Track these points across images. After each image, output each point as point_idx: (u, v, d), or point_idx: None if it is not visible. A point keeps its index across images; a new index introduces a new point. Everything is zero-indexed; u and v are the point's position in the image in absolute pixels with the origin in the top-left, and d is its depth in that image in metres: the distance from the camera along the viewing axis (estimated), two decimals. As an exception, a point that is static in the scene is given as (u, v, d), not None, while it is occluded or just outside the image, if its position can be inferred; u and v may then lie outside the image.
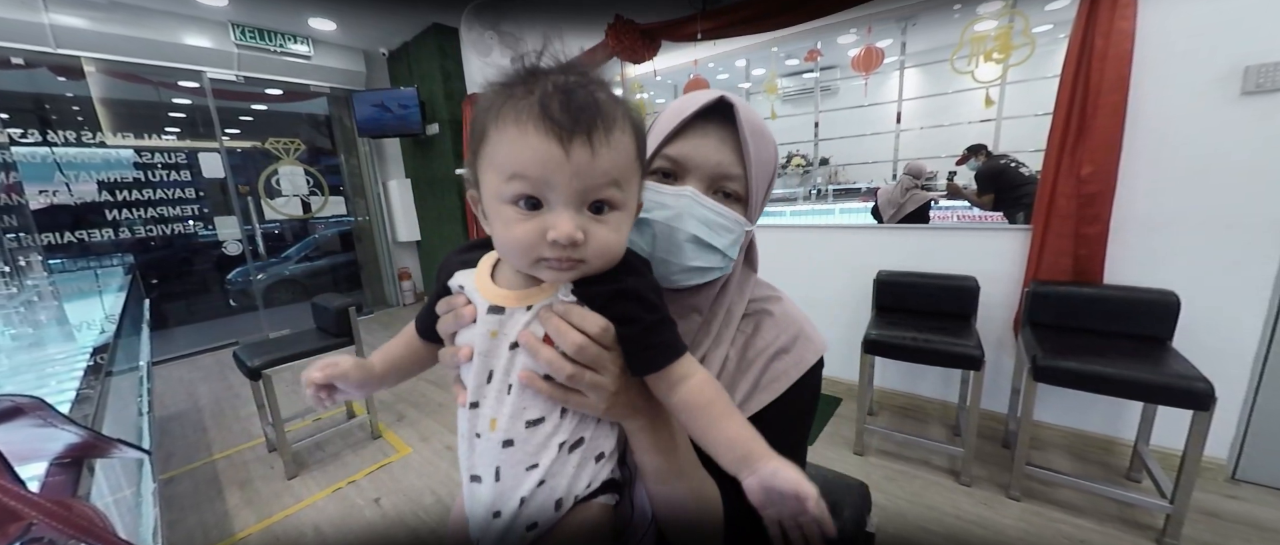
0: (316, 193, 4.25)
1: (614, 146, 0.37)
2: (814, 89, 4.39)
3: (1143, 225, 1.61)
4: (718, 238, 0.48)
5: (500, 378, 0.42)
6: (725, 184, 0.49)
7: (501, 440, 0.42)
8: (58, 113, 3.15)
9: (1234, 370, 1.53)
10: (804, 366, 0.51)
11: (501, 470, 0.42)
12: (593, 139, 0.35)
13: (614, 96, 0.39)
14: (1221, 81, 1.43)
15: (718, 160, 0.48)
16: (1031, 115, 3.00)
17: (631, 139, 0.39)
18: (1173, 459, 1.40)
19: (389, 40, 4.11)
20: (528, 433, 0.42)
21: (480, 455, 0.43)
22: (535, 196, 0.37)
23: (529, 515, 0.42)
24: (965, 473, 1.65)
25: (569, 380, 0.40)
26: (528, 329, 0.41)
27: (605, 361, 0.41)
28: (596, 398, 0.41)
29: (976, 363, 1.56)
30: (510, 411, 0.41)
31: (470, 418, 0.43)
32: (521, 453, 0.42)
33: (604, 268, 0.40)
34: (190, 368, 3.40)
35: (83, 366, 0.91)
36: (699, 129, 0.48)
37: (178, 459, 2.14)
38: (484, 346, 0.42)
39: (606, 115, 0.36)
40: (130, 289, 1.91)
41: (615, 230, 0.39)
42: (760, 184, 0.50)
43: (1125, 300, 1.57)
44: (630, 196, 0.40)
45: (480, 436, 0.42)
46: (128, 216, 3.37)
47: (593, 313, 0.41)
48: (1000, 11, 2.04)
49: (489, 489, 0.43)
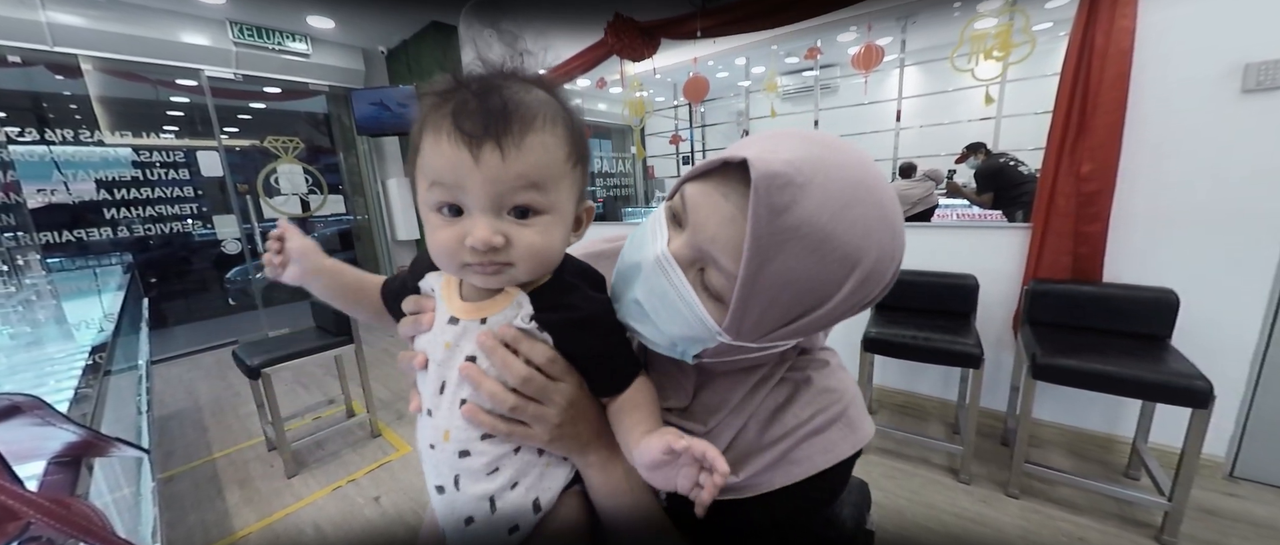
0: (315, 191, 4.24)
1: (528, 149, 0.35)
2: (814, 87, 4.38)
3: (1142, 223, 1.61)
4: (664, 325, 0.38)
5: (452, 390, 0.41)
6: (707, 276, 0.37)
7: (457, 451, 0.41)
8: (55, 111, 3.14)
9: (1232, 368, 1.53)
10: (834, 457, 0.41)
11: (460, 479, 0.42)
12: (502, 144, 0.34)
13: (540, 97, 0.37)
14: (1222, 79, 1.43)
15: (713, 233, 0.35)
16: (1031, 114, 3.00)
17: (556, 139, 0.37)
18: (1171, 456, 1.40)
19: (388, 38, 4.10)
20: (483, 444, 0.41)
21: (438, 465, 0.42)
22: (454, 203, 0.37)
23: (506, 517, 0.42)
24: (964, 470, 1.66)
25: (511, 412, 0.39)
26: (472, 359, 0.40)
27: (551, 393, 0.40)
28: (541, 429, 0.40)
29: (976, 361, 1.56)
30: (463, 424, 0.41)
31: (426, 428, 0.43)
32: (479, 461, 0.41)
33: (538, 271, 0.40)
34: (189, 366, 3.40)
35: (81, 365, 0.91)
36: (724, 181, 0.35)
37: (177, 458, 2.14)
38: (439, 356, 0.41)
39: (522, 117, 0.35)
40: (129, 288, 1.91)
41: (543, 234, 0.38)
42: (767, 306, 0.34)
43: (1124, 298, 1.57)
44: (559, 199, 0.38)
45: (434, 447, 0.42)
46: (126, 215, 3.36)
47: (542, 343, 0.41)
48: (1000, 9, 2.04)
49: (454, 497, 0.42)
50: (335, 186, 4.44)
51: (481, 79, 0.37)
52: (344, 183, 4.56)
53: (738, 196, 0.34)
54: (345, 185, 4.57)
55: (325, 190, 4.30)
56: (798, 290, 0.34)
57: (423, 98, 0.38)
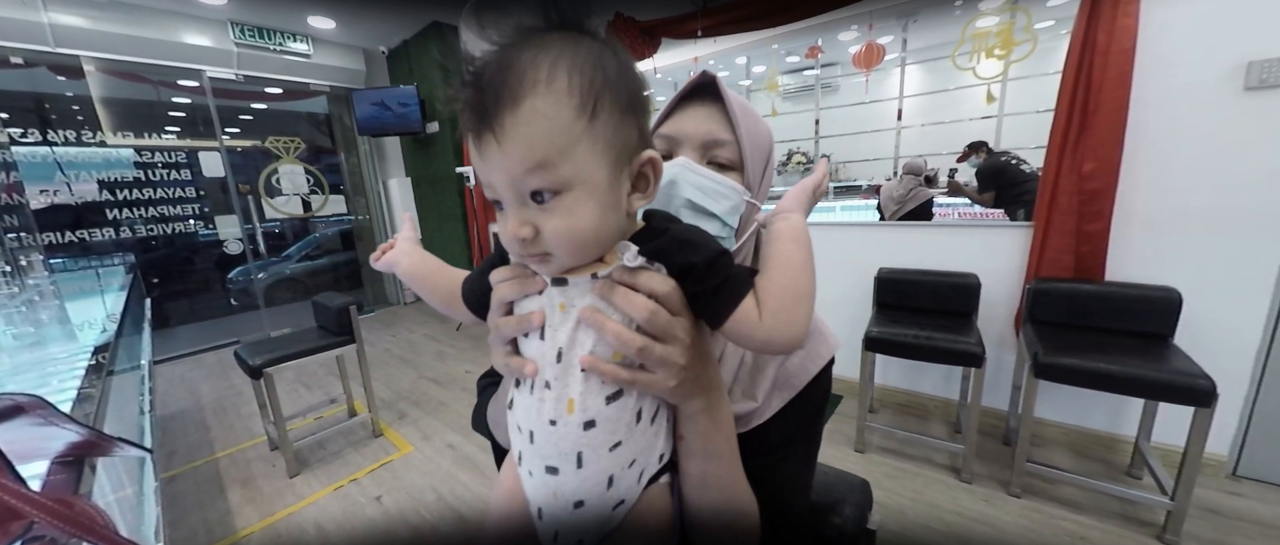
0: (317, 191, 4.25)
1: (520, 125, 0.31)
2: (815, 86, 4.37)
3: (1144, 222, 1.60)
4: (714, 203, 0.46)
5: (572, 355, 0.38)
6: (717, 153, 0.48)
7: (582, 422, 0.38)
8: (57, 112, 3.15)
9: (1235, 367, 1.53)
10: (819, 362, 0.51)
11: (584, 455, 0.39)
12: (495, 131, 0.31)
13: (533, 55, 0.32)
14: (1224, 77, 1.42)
15: (707, 129, 0.48)
16: (1033, 112, 2.99)
17: (554, 100, 0.31)
18: (1173, 456, 1.40)
19: (389, 38, 4.10)
20: (609, 409, 0.38)
21: (558, 443, 0.39)
22: (497, 199, 0.36)
23: (617, 494, 0.40)
24: (966, 470, 1.65)
25: (639, 355, 0.36)
26: (590, 304, 0.37)
27: (676, 330, 0.37)
28: (666, 374, 0.38)
29: (978, 360, 1.56)
30: (588, 388, 0.38)
31: (538, 404, 0.39)
32: (604, 433, 0.38)
33: (582, 253, 0.36)
34: (192, 366, 3.41)
35: (84, 366, 0.91)
36: (688, 108, 0.50)
37: (179, 457, 2.15)
38: (554, 320, 0.38)
39: (510, 91, 0.31)
40: (132, 288, 1.92)
41: (567, 216, 0.34)
42: (755, 158, 0.49)
43: (1127, 297, 1.56)
44: (578, 169, 0.33)
45: (556, 423, 0.38)
46: (128, 216, 3.37)
47: (658, 273, 0.37)
48: (1002, 8, 2.03)
49: (571, 477, 0.39)
50: (336, 187, 4.45)
51: (485, 56, 0.33)
52: (345, 183, 4.57)
53: (702, 106, 0.50)
54: (346, 185, 4.58)
55: (326, 190, 4.31)
56: (760, 142, 0.50)
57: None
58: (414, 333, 3.90)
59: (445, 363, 3.15)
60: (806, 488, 0.54)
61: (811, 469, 0.56)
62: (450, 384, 2.79)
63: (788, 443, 0.51)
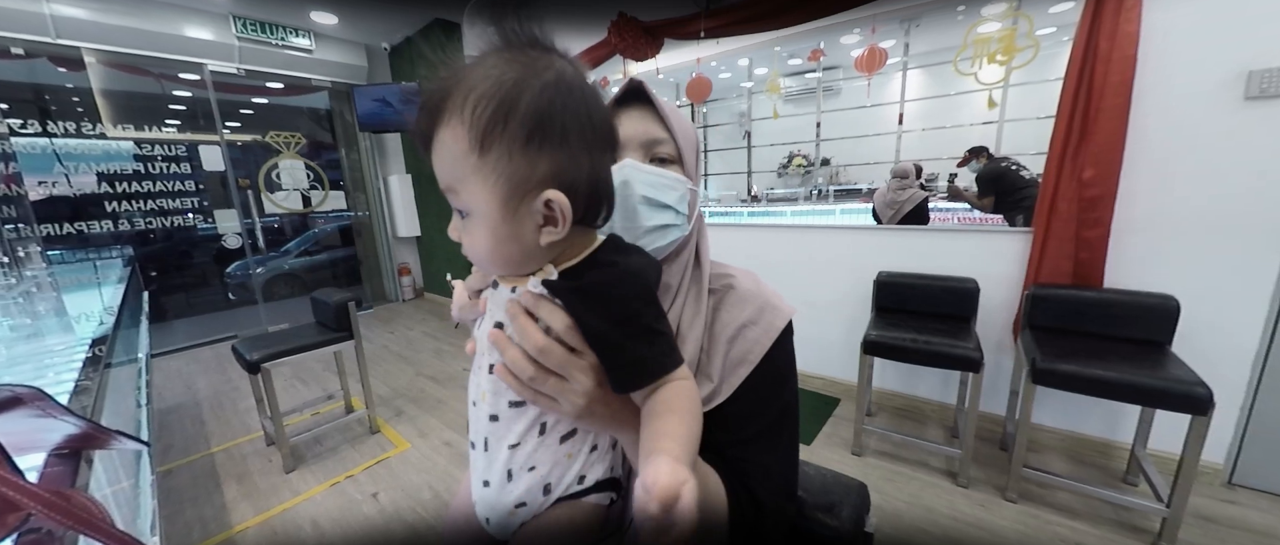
0: (317, 187, 4.25)
1: (439, 149, 0.36)
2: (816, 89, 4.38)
3: (1144, 229, 1.61)
4: (665, 195, 0.50)
5: (484, 353, 0.42)
6: (657, 150, 0.52)
7: (488, 414, 0.42)
8: (58, 104, 3.14)
9: (1232, 375, 1.53)
10: (774, 333, 0.51)
11: (490, 442, 0.43)
12: (428, 148, 0.36)
13: (449, 84, 0.35)
14: (1225, 86, 1.43)
15: (645, 130, 0.51)
16: (1034, 118, 3.00)
17: (452, 132, 0.34)
18: (1170, 463, 1.40)
19: (391, 35, 4.10)
20: (510, 412, 0.41)
21: (474, 422, 0.44)
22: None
23: (516, 493, 0.42)
24: (963, 474, 1.66)
25: (530, 382, 0.37)
26: (496, 323, 0.41)
27: (571, 367, 0.37)
28: (566, 403, 0.38)
29: (976, 365, 1.56)
30: (492, 388, 0.41)
31: (474, 380, 0.44)
32: (505, 429, 0.42)
33: (499, 271, 0.40)
34: (189, 361, 3.40)
35: (82, 358, 0.91)
36: (622, 114, 0.52)
37: (176, 451, 2.14)
38: (492, 309, 0.42)
39: (430, 115, 0.35)
40: (130, 281, 1.91)
41: (469, 237, 0.38)
42: (689, 149, 0.53)
43: (1125, 304, 1.57)
44: (473, 198, 0.35)
45: (476, 404, 0.43)
46: (127, 209, 3.36)
47: (560, 310, 0.37)
48: (1004, 13, 2.04)
49: (479, 458, 0.44)
50: (336, 182, 4.44)
51: (440, 75, 0.36)
52: (345, 179, 4.57)
53: (635, 110, 0.52)
54: (346, 181, 4.57)
55: (326, 186, 4.30)
56: (690, 135, 0.53)
57: None
58: (412, 330, 3.89)
59: (443, 360, 3.15)
60: (779, 472, 0.51)
61: (785, 451, 0.52)
62: (448, 382, 2.79)
63: (750, 421, 0.50)
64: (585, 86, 0.37)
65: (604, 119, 0.38)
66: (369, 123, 4.03)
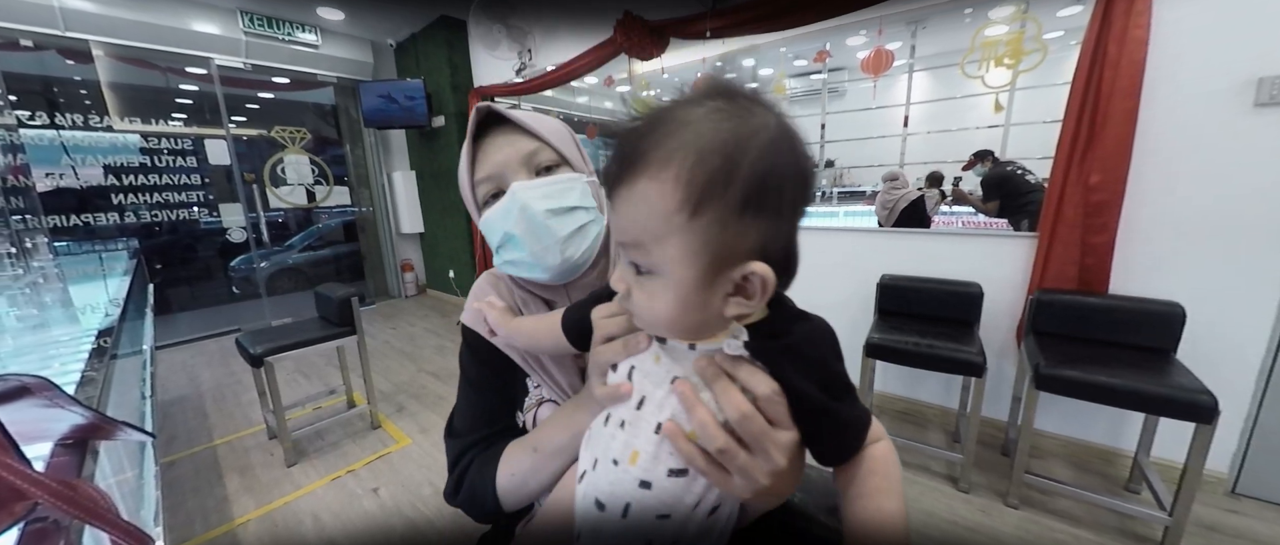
0: (321, 182, 4.26)
1: (627, 200, 0.31)
2: (821, 90, 4.37)
3: (1150, 236, 1.60)
4: (565, 199, 0.51)
5: (651, 411, 0.36)
6: (538, 160, 0.52)
7: (639, 480, 0.35)
8: (65, 96, 3.16)
9: (1238, 383, 1.52)
10: None
11: (631, 508, 0.36)
12: (617, 189, 0.32)
13: (676, 131, 0.30)
14: (1235, 93, 1.42)
15: (516, 149, 0.51)
16: (1040, 122, 2.98)
17: (660, 188, 0.30)
18: (1173, 471, 1.40)
19: (397, 31, 4.11)
20: (668, 482, 0.35)
21: (613, 484, 0.37)
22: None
23: None
24: (964, 479, 1.65)
25: (718, 454, 0.33)
26: (687, 378, 0.35)
27: (767, 442, 0.33)
28: (743, 483, 0.34)
29: (979, 369, 1.55)
30: (654, 452, 0.35)
31: (609, 439, 0.38)
32: (655, 500, 0.35)
33: (660, 332, 0.36)
34: (192, 353, 3.42)
35: (87, 349, 0.91)
36: (486, 142, 0.53)
37: (179, 443, 2.16)
38: (646, 367, 0.37)
39: (635, 162, 0.31)
40: (135, 273, 1.92)
41: (648, 297, 0.33)
42: (567, 145, 0.54)
43: (1130, 311, 1.56)
44: (664, 260, 0.31)
45: (618, 463, 0.36)
46: (133, 201, 3.39)
47: (763, 372, 0.34)
48: (1011, 17, 2.03)
49: (614, 522, 0.37)
50: (340, 178, 4.46)
51: (645, 115, 0.33)
52: (349, 174, 4.58)
53: (498, 134, 0.53)
54: (350, 177, 4.58)
55: (331, 181, 4.31)
56: (561, 132, 0.55)
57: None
58: (414, 326, 3.90)
59: (445, 357, 3.16)
60: None
61: None
62: (450, 378, 2.80)
63: None
64: (799, 145, 0.32)
65: (812, 180, 0.33)
66: (374, 119, 4.04)
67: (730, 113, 0.30)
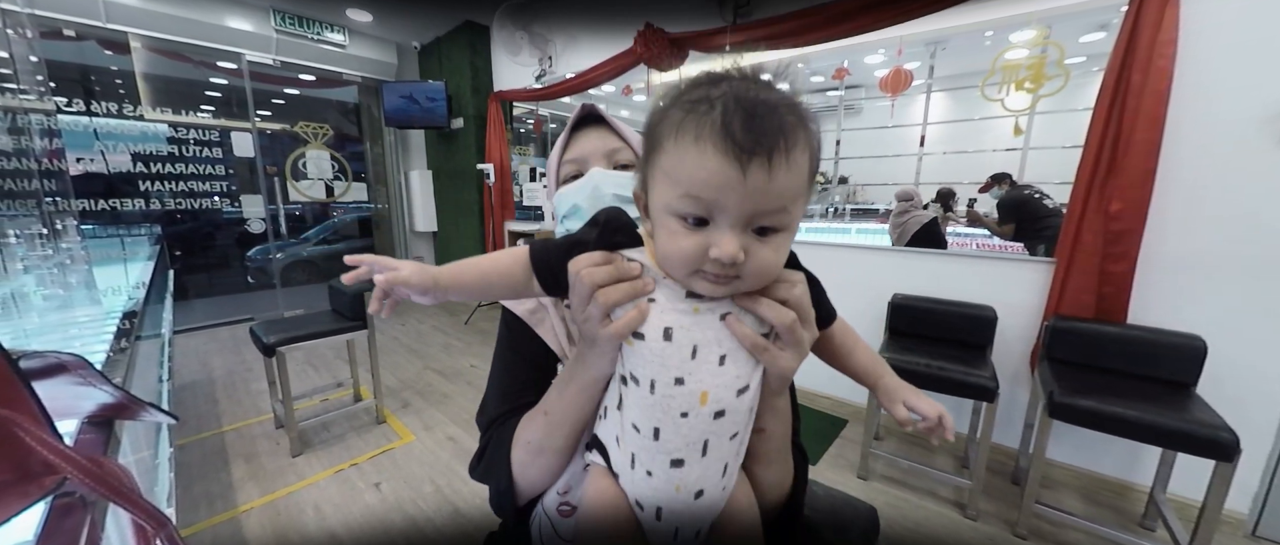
0: (340, 178, 4.34)
1: (791, 169, 0.35)
2: (838, 107, 4.37)
3: (1171, 267, 1.57)
4: (629, 189, 0.55)
5: (708, 351, 0.42)
6: (617, 157, 0.60)
7: (713, 412, 0.42)
8: (102, 85, 3.28)
9: (1260, 421, 1.47)
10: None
11: (711, 443, 0.43)
12: (772, 162, 0.34)
13: (797, 112, 0.36)
14: (1261, 125, 1.40)
15: (604, 144, 0.61)
16: (1059, 147, 2.95)
17: (809, 159, 0.37)
18: (1190, 509, 1.35)
19: (422, 34, 4.20)
20: (737, 401, 0.43)
21: (688, 433, 0.42)
22: (702, 216, 0.37)
23: (727, 482, 0.45)
24: (972, 506, 1.61)
25: (788, 331, 0.42)
26: (731, 312, 0.42)
27: (809, 315, 0.44)
28: (795, 353, 0.43)
29: (991, 394, 1.53)
30: (725, 382, 0.42)
31: (666, 401, 0.42)
32: (729, 423, 0.43)
33: (760, 284, 0.41)
34: (206, 339, 3.48)
35: (112, 330, 0.94)
36: (582, 134, 0.62)
37: (188, 428, 2.19)
38: (685, 322, 0.41)
39: (788, 137, 0.35)
40: (158, 259, 1.97)
41: (775, 251, 0.39)
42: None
43: (1149, 342, 1.53)
44: (795, 217, 0.39)
45: (687, 415, 0.42)
46: (158, 188, 3.48)
47: (793, 271, 0.44)
48: (1034, 41, 2.02)
49: (696, 467, 0.43)
50: (359, 174, 4.54)
51: (744, 86, 0.36)
52: (367, 171, 4.66)
53: (593, 129, 0.63)
54: (368, 174, 4.67)
55: (349, 177, 4.39)
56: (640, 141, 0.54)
57: (674, 95, 0.38)
58: (423, 323, 3.93)
59: (452, 355, 3.18)
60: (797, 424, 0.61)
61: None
62: (455, 377, 2.81)
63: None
64: None
65: None
66: (395, 118, 4.12)
67: (805, 116, 0.38)
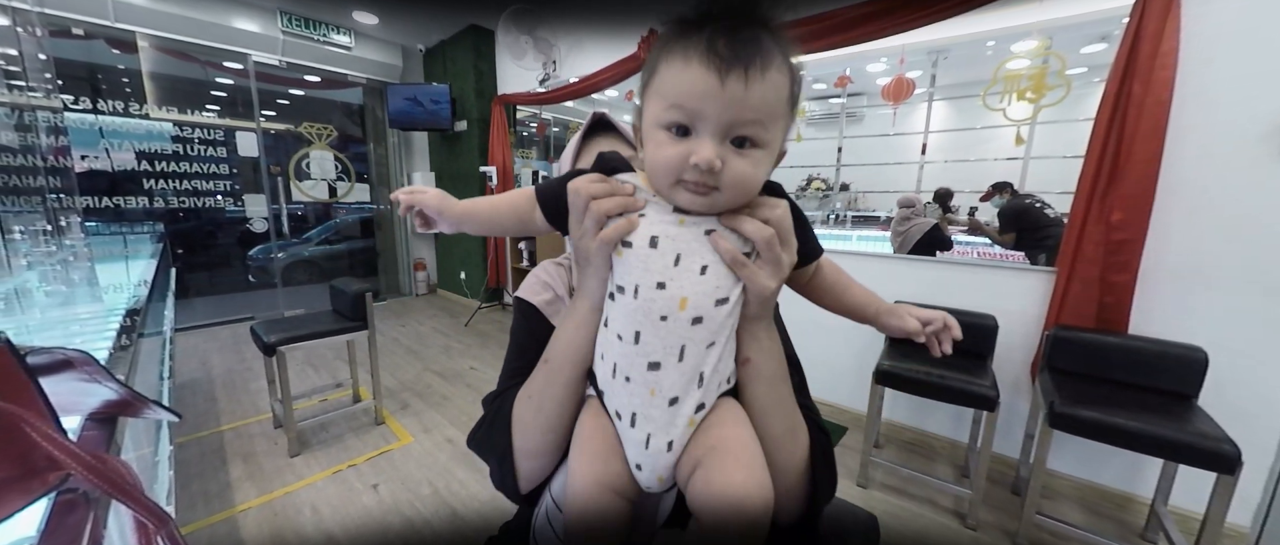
0: (343, 178, 4.36)
1: (766, 83, 0.39)
2: (840, 114, 4.38)
3: (1173, 277, 1.57)
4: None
5: (691, 261, 0.44)
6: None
7: (691, 318, 0.44)
8: (108, 83, 3.30)
9: (1262, 434, 1.47)
10: None
11: (687, 349, 0.44)
12: (748, 74, 0.37)
13: (778, 39, 0.40)
14: (1263, 138, 1.40)
15: (616, 152, 0.60)
16: (1060, 157, 2.96)
17: (786, 81, 0.40)
18: (1192, 522, 1.35)
19: (427, 37, 4.23)
20: (715, 310, 0.44)
21: (666, 336, 0.44)
22: (686, 125, 0.40)
23: (702, 395, 0.45)
24: (972, 516, 1.61)
25: (766, 248, 0.44)
26: (716, 229, 0.44)
27: (789, 236, 0.45)
28: (773, 273, 0.45)
29: (991, 403, 1.52)
30: (705, 290, 0.44)
31: (647, 305, 0.44)
32: (706, 330, 0.44)
33: (739, 200, 0.43)
34: (206, 338, 3.48)
35: (115, 326, 0.94)
36: (593, 142, 0.63)
37: (187, 426, 2.18)
38: (671, 232, 0.44)
39: (764, 54, 0.38)
40: (161, 257, 1.97)
41: (754, 165, 0.41)
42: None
43: (1151, 352, 1.52)
44: (774, 137, 0.42)
45: (666, 318, 0.44)
46: (162, 187, 3.49)
47: (778, 199, 0.46)
48: (1035, 51, 2.03)
49: (671, 372, 0.44)
50: (362, 175, 4.56)
51: (729, 10, 0.39)
52: (370, 172, 4.68)
53: (605, 136, 0.64)
54: (372, 175, 4.68)
55: (352, 178, 4.41)
56: None
57: (671, 25, 0.41)
58: (423, 325, 3.93)
59: (451, 357, 3.17)
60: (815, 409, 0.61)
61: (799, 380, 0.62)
62: (455, 379, 2.81)
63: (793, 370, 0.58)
64: None
65: None
66: (399, 120, 4.13)
67: (788, 50, 0.41)
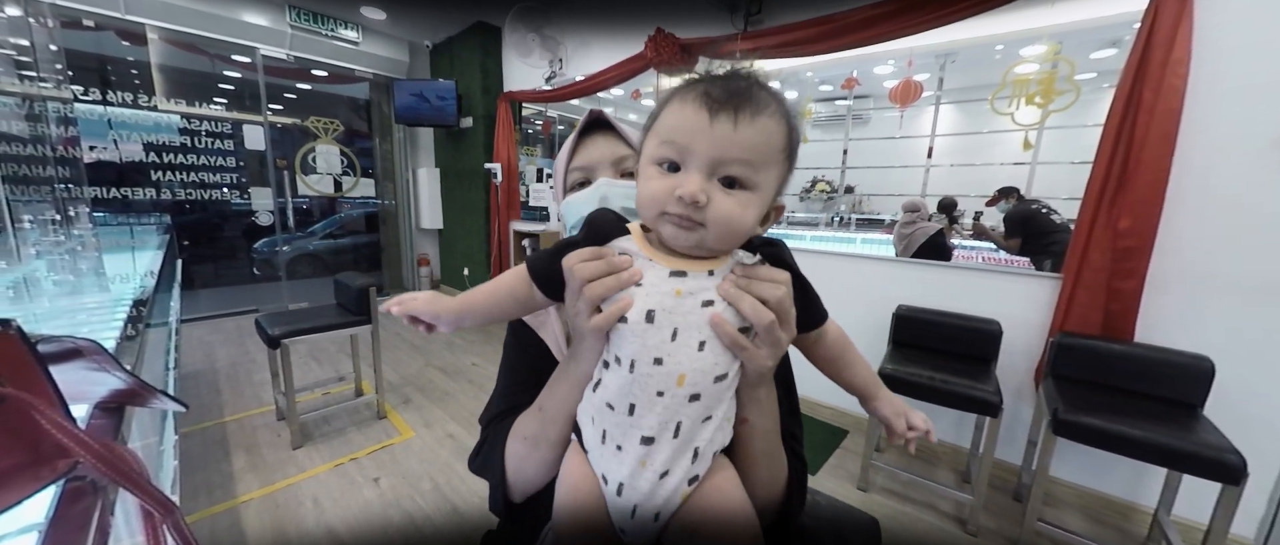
0: (349, 173, 4.37)
1: (756, 127, 0.40)
2: (846, 116, 4.37)
3: (1180, 285, 1.55)
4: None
5: (688, 335, 0.43)
6: (625, 166, 0.59)
7: (689, 395, 0.43)
8: (118, 75, 3.32)
9: (1268, 445, 1.45)
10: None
11: (682, 425, 0.44)
12: (737, 115, 0.39)
13: (773, 93, 0.41)
14: (1275, 146, 1.39)
15: (612, 152, 0.59)
16: (1068, 162, 2.94)
17: (778, 127, 0.41)
18: (1195, 533, 1.34)
19: (434, 33, 4.23)
20: (713, 387, 0.44)
21: (662, 413, 0.44)
22: (676, 161, 0.41)
23: (696, 468, 0.45)
24: (973, 522, 1.60)
25: (765, 330, 0.43)
26: (726, 284, 0.44)
27: (789, 316, 0.44)
28: (772, 352, 0.44)
29: (994, 409, 1.52)
30: (703, 367, 0.43)
31: (644, 380, 0.43)
32: (703, 406, 0.44)
33: (724, 241, 0.43)
34: (211, 330, 3.50)
35: (122, 316, 0.95)
36: (589, 141, 0.61)
37: (191, 417, 2.20)
38: (668, 305, 0.43)
39: (756, 101, 0.40)
40: (168, 248, 1.98)
41: (741, 206, 0.41)
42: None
43: (1156, 361, 1.51)
44: (764, 182, 0.42)
45: (663, 395, 0.43)
46: (169, 179, 3.51)
47: (778, 270, 0.45)
48: (1044, 56, 2.02)
49: (665, 448, 0.44)
50: (367, 170, 4.57)
51: (732, 72, 0.42)
52: (376, 167, 4.69)
53: (600, 136, 0.61)
54: (376, 170, 4.70)
55: (358, 173, 4.43)
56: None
57: (681, 83, 0.44)
58: (425, 320, 3.94)
59: (454, 353, 3.18)
60: (799, 437, 0.62)
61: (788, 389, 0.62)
62: (457, 375, 2.82)
63: (785, 394, 0.58)
64: None
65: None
66: (405, 115, 4.14)
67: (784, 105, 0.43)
